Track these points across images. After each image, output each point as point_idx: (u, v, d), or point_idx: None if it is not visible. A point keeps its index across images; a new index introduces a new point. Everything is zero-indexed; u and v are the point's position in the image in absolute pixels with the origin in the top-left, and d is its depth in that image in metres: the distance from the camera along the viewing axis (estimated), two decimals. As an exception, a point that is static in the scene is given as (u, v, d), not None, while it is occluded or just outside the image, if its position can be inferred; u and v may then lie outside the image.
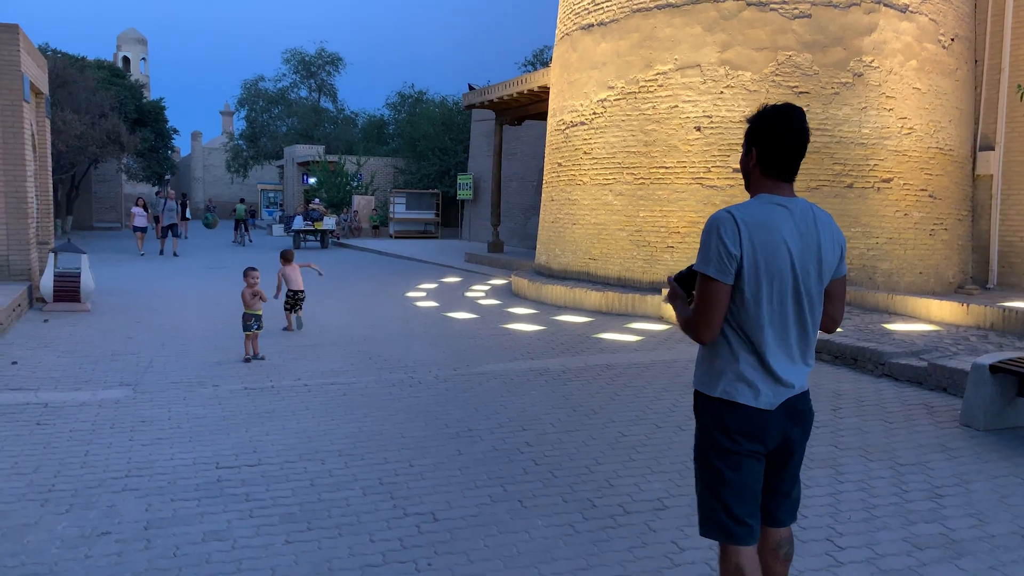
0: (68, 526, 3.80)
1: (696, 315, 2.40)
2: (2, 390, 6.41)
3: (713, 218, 2.36)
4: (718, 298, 2.35)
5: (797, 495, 2.63)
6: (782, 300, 2.38)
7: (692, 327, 2.42)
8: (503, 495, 4.31)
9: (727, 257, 2.31)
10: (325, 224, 26.16)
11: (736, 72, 10.97)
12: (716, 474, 2.46)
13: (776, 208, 2.39)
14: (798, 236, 2.37)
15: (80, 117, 24.77)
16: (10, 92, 11.03)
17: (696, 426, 2.55)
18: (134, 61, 56.53)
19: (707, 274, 2.35)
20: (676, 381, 7.08)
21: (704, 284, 2.37)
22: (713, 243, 2.34)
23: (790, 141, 2.38)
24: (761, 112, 2.44)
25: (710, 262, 2.34)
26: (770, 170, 2.43)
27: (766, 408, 2.41)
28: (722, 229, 2.33)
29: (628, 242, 11.89)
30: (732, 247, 2.30)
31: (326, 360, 7.89)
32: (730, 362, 2.42)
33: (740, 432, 2.41)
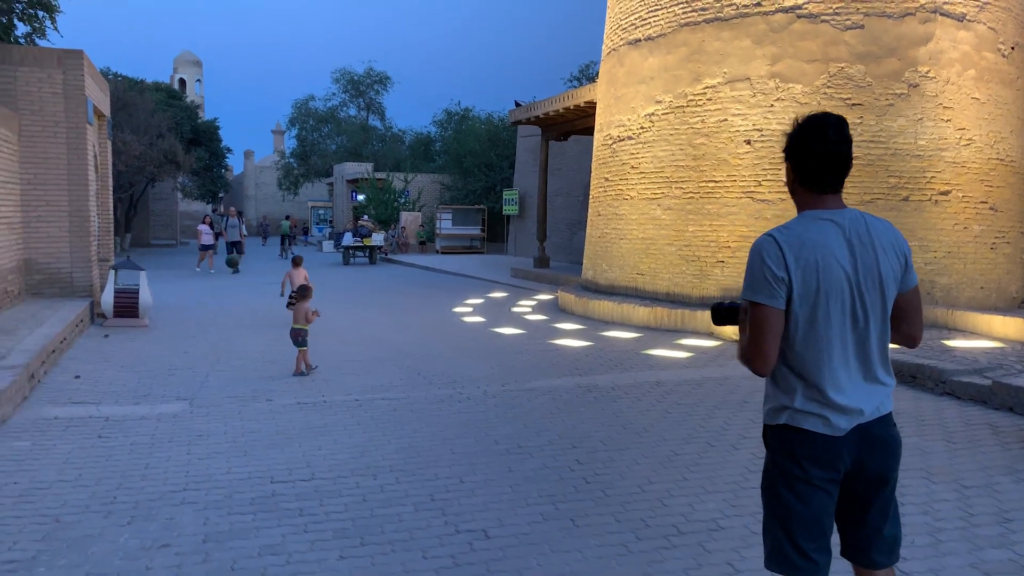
0: (130, 538, 3.88)
1: (750, 346, 2.29)
2: (66, 403, 6.61)
3: (755, 244, 2.29)
4: (771, 325, 2.24)
5: (893, 533, 2.40)
6: (840, 320, 2.27)
7: (746, 359, 2.32)
8: (555, 513, 4.28)
9: (775, 281, 2.21)
10: (373, 240, 26.51)
11: (787, 85, 10.83)
12: (782, 503, 2.35)
13: (822, 223, 2.28)
14: (850, 250, 2.26)
15: (139, 138, 25.59)
16: (75, 115, 11.45)
17: (766, 456, 2.46)
18: (189, 82, 58.26)
19: (756, 301, 2.25)
20: (728, 399, 6.97)
21: (755, 312, 2.26)
22: (758, 268, 2.25)
23: (824, 151, 2.27)
24: (794, 125, 2.35)
25: (758, 288, 2.25)
26: (809, 183, 2.33)
27: (833, 434, 2.29)
28: (765, 253, 2.24)
29: (677, 257, 11.79)
30: (778, 270, 2.21)
31: (376, 375, 7.96)
32: (791, 390, 2.33)
33: (808, 459, 2.30)
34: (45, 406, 6.47)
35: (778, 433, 2.37)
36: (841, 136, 2.28)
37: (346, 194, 40.26)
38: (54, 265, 11.59)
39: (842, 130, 2.29)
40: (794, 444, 2.32)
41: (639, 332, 10.92)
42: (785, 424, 2.34)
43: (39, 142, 11.30)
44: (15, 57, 11.14)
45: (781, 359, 2.33)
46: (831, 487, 2.33)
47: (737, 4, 11.13)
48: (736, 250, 11.16)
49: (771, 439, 2.41)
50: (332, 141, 49.37)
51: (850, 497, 2.38)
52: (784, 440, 2.35)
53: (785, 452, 2.35)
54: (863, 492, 2.36)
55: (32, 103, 11.21)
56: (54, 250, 11.58)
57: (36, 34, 14.13)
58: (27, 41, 14.18)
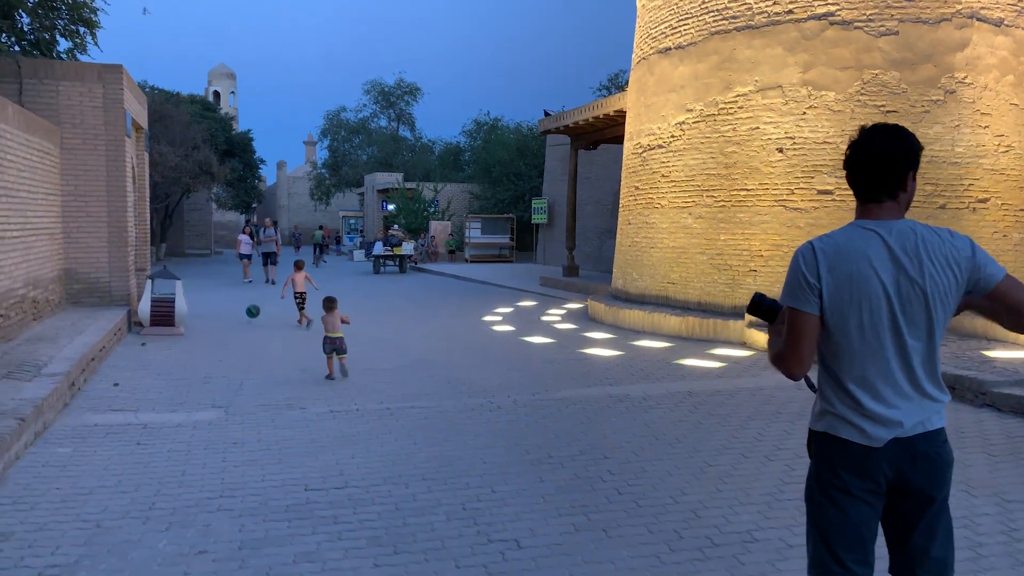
0: (168, 544, 3.95)
1: (786, 348, 2.33)
2: (105, 411, 6.73)
3: (797, 250, 2.34)
4: (805, 330, 2.28)
5: (943, 556, 2.32)
6: (876, 331, 2.25)
7: (781, 360, 2.35)
8: (587, 524, 4.27)
9: (807, 287, 2.26)
10: (404, 249, 26.69)
11: (819, 92, 10.73)
12: (820, 512, 2.35)
13: (865, 233, 2.26)
14: (893, 262, 2.22)
15: (175, 149, 26.05)
16: (114, 128, 11.70)
17: (810, 464, 2.46)
18: (224, 95, 59.21)
19: (791, 305, 2.31)
20: (762, 409, 6.90)
21: (790, 316, 2.32)
22: (793, 274, 2.31)
23: (863, 159, 2.27)
24: None
25: (792, 293, 2.31)
26: (857, 193, 2.35)
27: (870, 444, 2.27)
28: (801, 260, 2.30)
29: (708, 266, 11.71)
30: (811, 277, 2.26)
31: (407, 384, 8.00)
32: (830, 398, 2.34)
33: (845, 468, 2.29)
34: (85, 413, 6.60)
35: (818, 439, 2.38)
36: (889, 146, 2.25)
37: (376, 204, 40.60)
38: (93, 275, 11.84)
39: (891, 140, 2.26)
40: (832, 452, 2.33)
41: (670, 341, 10.85)
42: (825, 431, 2.35)
43: (79, 154, 11.56)
44: (58, 72, 11.43)
45: (823, 364, 2.36)
46: (871, 498, 2.30)
47: (768, 12, 11.07)
48: (768, 259, 11.06)
49: (813, 445, 2.42)
50: (363, 152, 49.88)
51: (894, 512, 2.34)
52: (823, 447, 2.36)
53: (824, 460, 2.36)
54: (907, 509, 2.31)
55: (73, 116, 11.49)
56: (93, 260, 11.83)
57: (77, 49, 14.46)
58: (69, 56, 14.52)
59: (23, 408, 5.71)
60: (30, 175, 9.90)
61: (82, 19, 13.82)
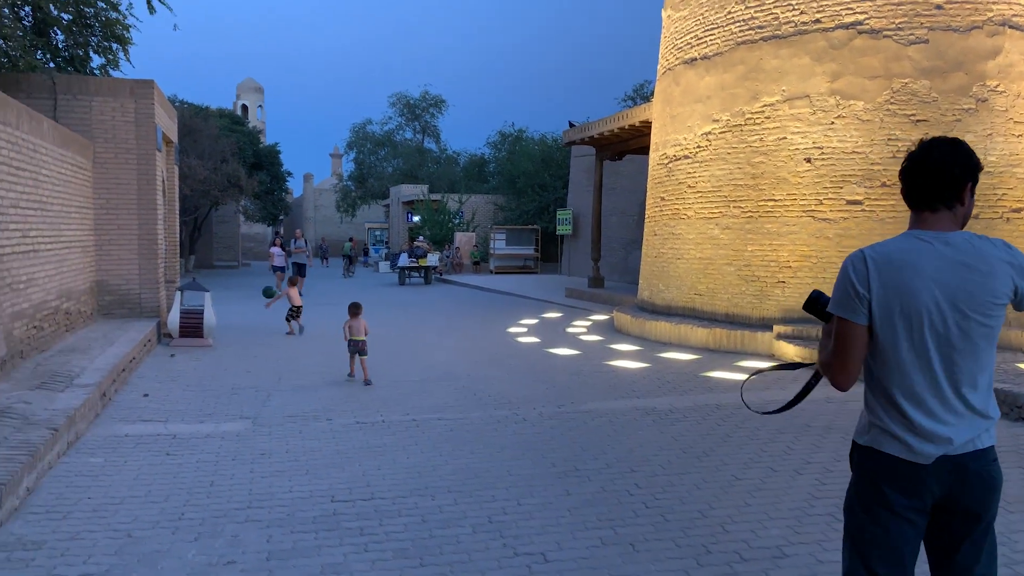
0: (197, 554, 3.97)
1: (834, 358, 2.28)
2: (135, 421, 6.82)
3: (847, 258, 2.29)
4: (853, 340, 2.23)
5: (985, 574, 2.27)
6: (925, 344, 2.19)
7: (828, 369, 2.31)
8: (614, 538, 4.23)
9: (856, 297, 2.21)
10: (429, 261, 26.80)
11: (847, 102, 10.63)
12: (860, 526, 2.29)
13: (918, 243, 2.22)
14: (946, 272, 2.17)
15: (204, 163, 26.42)
16: (145, 142, 11.90)
17: (852, 474, 2.40)
18: (252, 108, 60.04)
19: (840, 315, 2.26)
20: (792, 423, 6.81)
21: (838, 326, 2.27)
22: (842, 283, 2.26)
23: (924, 166, 2.25)
24: None
25: (840, 302, 2.26)
26: (912, 203, 2.32)
27: (917, 461, 2.20)
28: (851, 268, 2.24)
29: (736, 277, 11.62)
30: (860, 287, 2.20)
31: (432, 395, 8.01)
32: (876, 412, 2.28)
33: (889, 484, 2.23)
34: (116, 424, 6.69)
35: (863, 452, 2.32)
36: (949, 156, 2.23)
37: (402, 215, 40.84)
38: (124, 287, 12.01)
39: (952, 150, 2.24)
40: (876, 467, 2.27)
41: (697, 354, 10.77)
42: (870, 445, 2.30)
43: (111, 168, 11.77)
44: (91, 88, 11.65)
45: (870, 375, 2.31)
46: (915, 516, 2.24)
47: (795, 21, 11.00)
48: (797, 270, 10.95)
49: (856, 458, 2.37)
50: (388, 164, 50.24)
51: (939, 530, 2.28)
52: (867, 461, 2.30)
53: (867, 474, 2.30)
54: (953, 527, 2.26)
55: (106, 131, 11.70)
56: (124, 272, 12.01)
57: (110, 65, 14.75)
58: (102, 72, 14.82)
59: (56, 418, 5.80)
60: (64, 189, 10.09)
61: (115, 36, 14.11)
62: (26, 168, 8.61)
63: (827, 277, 10.73)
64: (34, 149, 8.89)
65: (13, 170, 8.16)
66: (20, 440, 5.19)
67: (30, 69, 11.58)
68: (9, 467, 4.62)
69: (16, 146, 8.28)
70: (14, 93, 10.27)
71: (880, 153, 10.49)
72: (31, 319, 8.60)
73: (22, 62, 11.69)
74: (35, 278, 8.82)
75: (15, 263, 8.16)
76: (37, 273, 8.89)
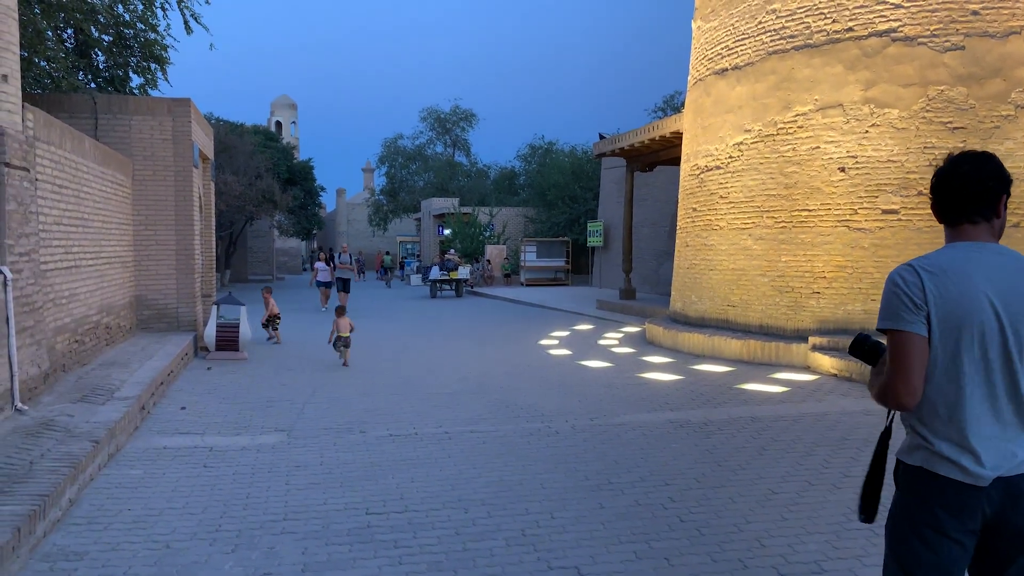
0: (234, 566, 4.02)
1: (893, 376, 2.12)
2: (173, 433, 6.92)
3: (893, 272, 2.18)
4: (915, 353, 2.09)
5: None
6: (986, 359, 2.09)
7: (891, 391, 2.13)
8: (648, 552, 4.20)
9: (913, 307, 2.10)
10: (460, 274, 26.91)
11: (882, 110, 10.50)
12: (907, 549, 2.19)
13: (968, 253, 2.17)
14: (1003, 281, 2.10)
15: (239, 179, 26.86)
16: (182, 159, 12.14)
17: (895, 493, 2.29)
18: (285, 125, 60.91)
19: (897, 328, 2.12)
20: (827, 436, 6.71)
21: (896, 340, 2.12)
22: (895, 296, 2.14)
23: (956, 180, 2.20)
24: None
25: (896, 315, 2.12)
26: (949, 217, 2.27)
27: (973, 483, 2.10)
28: (901, 281, 2.14)
29: (770, 288, 11.50)
30: (917, 298, 2.09)
31: (464, 407, 8.03)
32: (925, 431, 2.17)
33: (942, 507, 2.13)
34: (155, 436, 6.80)
35: (912, 473, 2.21)
36: (981, 168, 2.20)
37: (433, 229, 41.10)
38: (162, 301, 12.23)
39: (983, 162, 2.21)
40: (928, 490, 2.17)
41: (731, 366, 10.66)
42: (920, 466, 2.19)
43: (150, 185, 12.02)
44: (130, 107, 11.93)
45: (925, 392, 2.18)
46: (966, 539, 2.15)
47: (827, 30, 10.91)
48: (832, 280, 10.81)
49: (902, 478, 2.26)
50: (420, 178, 50.63)
51: (986, 551, 2.19)
52: (917, 482, 2.20)
53: (917, 495, 2.20)
54: (1001, 549, 2.16)
55: (144, 149, 11.96)
56: (162, 287, 12.23)
57: (148, 85, 15.10)
58: (140, 91, 15.17)
59: (97, 431, 5.92)
60: (104, 206, 10.33)
61: (153, 56, 14.44)
62: (68, 186, 8.83)
63: (862, 287, 10.57)
64: (76, 167, 9.12)
65: (56, 188, 8.38)
66: (63, 452, 5.30)
67: (72, 90, 11.90)
68: (52, 479, 4.72)
69: (59, 165, 8.50)
70: (57, 113, 10.54)
71: (916, 161, 10.34)
72: (73, 333, 8.79)
73: (65, 83, 12.02)
74: (77, 293, 9.02)
75: (58, 279, 8.36)
76: (79, 288, 9.10)
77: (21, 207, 6.95)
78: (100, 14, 12.89)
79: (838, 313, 10.77)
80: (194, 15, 14.52)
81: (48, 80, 12.50)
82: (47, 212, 8.03)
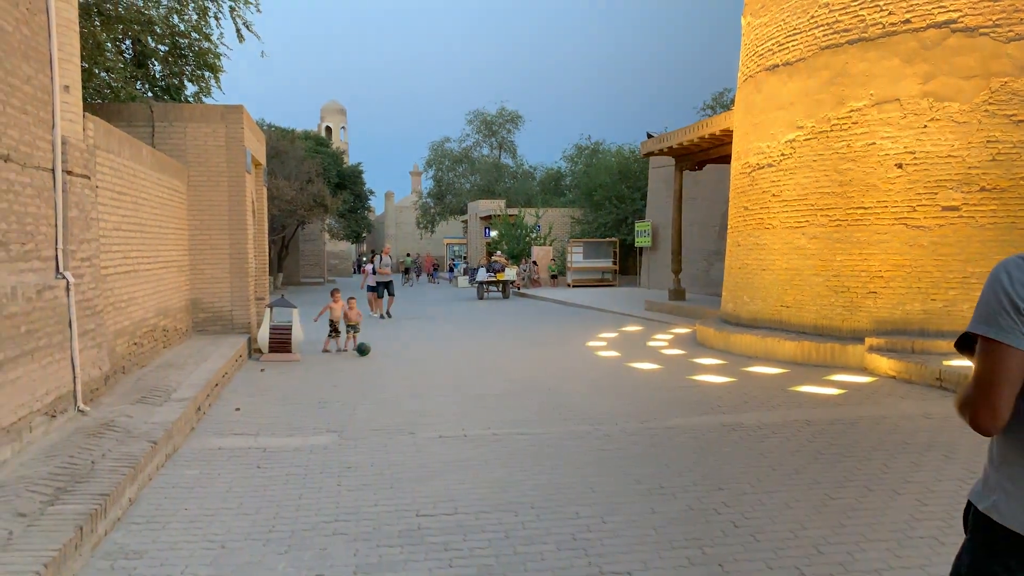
0: (287, 567, 4.06)
1: (975, 393, 1.76)
2: (228, 434, 7.05)
3: (999, 264, 1.80)
4: (1006, 369, 1.71)
5: None
6: None
7: (971, 409, 1.77)
8: (702, 558, 4.12)
9: (1015, 312, 1.71)
10: (506, 275, 26.96)
11: (941, 104, 10.18)
12: None
13: None
14: None
15: (291, 183, 27.35)
16: (236, 165, 12.38)
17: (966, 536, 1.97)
18: (335, 129, 61.81)
19: (989, 336, 1.74)
20: (887, 440, 6.51)
21: (986, 351, 1.75)
22: (994, 294, 1.75)
23: None
24: None
25: (992, 319, 1.74)
26: None
27: None
28: (1006, 276, 1.74)
29: (824, 288, 11.23)
30: (1020, 300, 1.71)
31: (512, 409, 8.01)
32: (1009, 467, 1.80)
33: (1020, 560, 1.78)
34: (210, 437, 6.93)
35: (978, 521, 1.86)
36: None
37: (480, 230, 41.27)
38: (216, 304, 12.50)
39: None
40: (1000, 543, 1.81)
41: (785, 367, 10.44)
42: (986, 514, 1.83)
43: (204, 191, 12.28)
44: (185, 115, 12.22)
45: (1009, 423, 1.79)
46: None
47: (883, 23, 10.62)
48: (889, 280, 10.51)
49: (972, 522, 1.91)
50: (466, 180, 50.92)
51: None
52: (988, 532, 1.83)
53: (986, 547, 1.85)
54: None
55: (199, 155, 12.23)
56: (217, 290, 12.49)
57: (202, 92, 15.47)
58: (195, 99, 15.55)
59: (155, 432, 6.05)
60: (161, 211, 10.59)
61: (207, 64, 14.77)
62: (127, 193, 9.07)
63: (921, 287, 10.26)
64: (134, 174, 9.36)
65: (115, 195, 8.61)
66: (123, 452, 5.44)
67: (130, 99, 12.25)
68: (113, 479, 4.83)
69: (118, 172, 8.73)
70: (116, 122, 10.85)
71: (978, 156, 9.99)
72: (132, 336, 9.03)
73: (123, 92, 12.37)
74: (135, 297, 9.26)
75: (117, 283, 8.59)
76: (137, 292, 9.34)
77: (83, 214, 7.15)
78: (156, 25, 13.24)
79: (896, 313, 10.47)
80: (246, 23, 14.82)
81: (107, 90, 12.88)
82: (107, 218, 8.25)
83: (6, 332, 5.31)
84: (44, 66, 6.39)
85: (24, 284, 5.72)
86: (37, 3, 6.24)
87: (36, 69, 6.21)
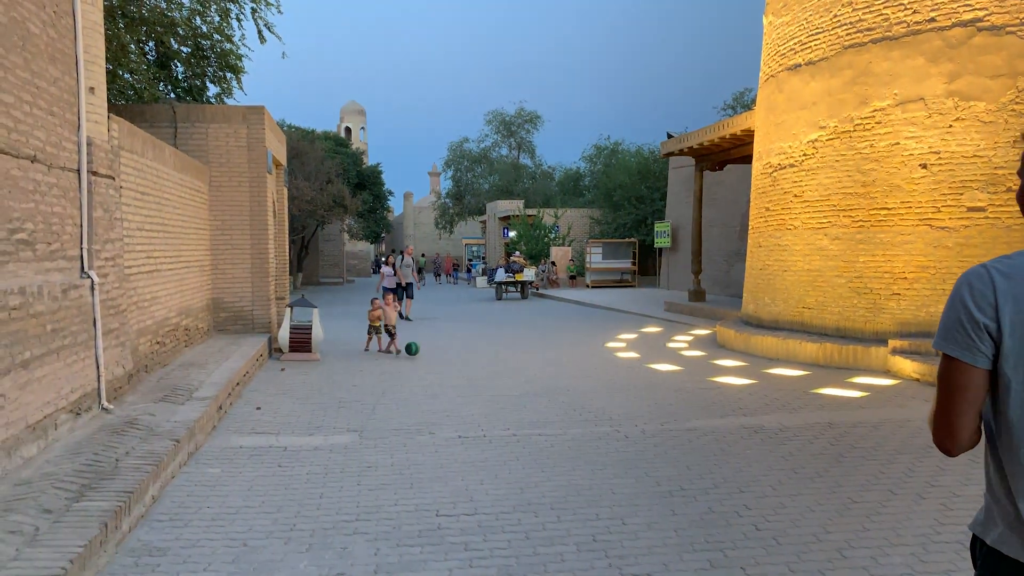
0: (308, 565, 4.08)
1: (935, 412, 1.68)
2: (249, 433, 7.10)
3: (962, 276, 1.69)
4: (961, 387, 1.63)
5: None
6: None
7: (932, 426, 1.70)
8: (723, 560, 4.09)
9: (973, 329, 1.61)
10: (525, 276, 26.94)
11: (967, 103, 10.05)
12: None
13: None
14: None
15: (311, 184, 27.51)
16: (257, 166, 12.47)
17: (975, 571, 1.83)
18: (354, 130, 62.13)
19: (946, 353, 1.66)
20: (910, 443, 6.44)
21: (944, 366, 1.68)
22: (953, 308, 1.66)
23: None
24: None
25: (949, 335, 1.65)
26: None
27: None
28: (966, 289, 1.64)
29: (847, 289, 11.12)
30: (979, 312, 1.60)
31: (532, 410, 8.00)
32: (1001, 495, 1.67)
33: None
34: (231, 435, 6.98)
35: (983, 555, 1.72)
36: None
37: (498, 231, 41.29)
38: (237, 304, 12.59)
39: None
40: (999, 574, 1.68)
41: (806, 369, 10.36)
42: (992, 547, 1.69)
43: (225, 191, 12.38)
44: (207, 115, 12.32)
45: (992, 446, 1.69)
46: None
47: (908, 21, 10.50)
48: (913, 281, 10.39)
49: (979, 556, 1.76)
50: (485, 180, 50.94)
51: None
52: (994, 568, 1.69)
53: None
54: None
55: (220, 156, 12.33)
56: (238, 290, 12.58)
57: (224, 93, 15.60)
58: (216, 100, 15.67)
59: (178, 430, 6.11)
60: (183, 211, 10.68)
61: (229, 66, 14.89)
62: (150, 193, 9.16)
63: (946, 289, 10.13)
64: (157, 175, 9.45)
65: (139, 195, 8.70)
66: (146, 451, 5.49)
67: (154, 100, 12.36)
68: (136, 476, 4.88)
69: (141, 172, 8.82)
70: (139, 123, 10.96)
71: (1005, 156, 9.86)
72: (154, 335, 9.12)
73: (147, 94, 12.49)
74: (158, 296, 9.35)
75: (140, 282, 8.68)
76: (159, 292, 9.43)
77: (107, 214, 7.23)
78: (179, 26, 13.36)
79: (920, 315, 10.35)
80: (268, 25, 14.92)
81: (131, 91, 13.01)
82: (130, 218, 8.34)
83: (32, 331, 5.38)
84: (70, 68, 6.47)
85: (50, 283, 5.79)
86: (64, 6, 6.32)
87: (62, 71, 6.29)
